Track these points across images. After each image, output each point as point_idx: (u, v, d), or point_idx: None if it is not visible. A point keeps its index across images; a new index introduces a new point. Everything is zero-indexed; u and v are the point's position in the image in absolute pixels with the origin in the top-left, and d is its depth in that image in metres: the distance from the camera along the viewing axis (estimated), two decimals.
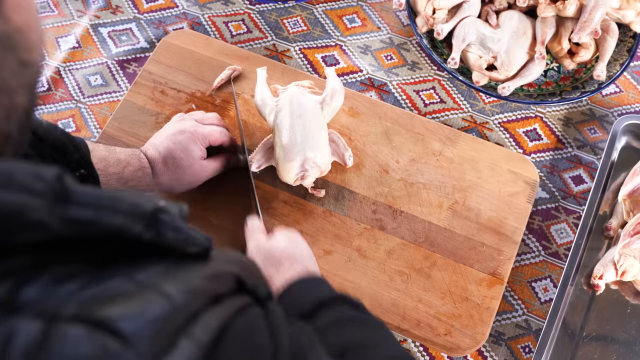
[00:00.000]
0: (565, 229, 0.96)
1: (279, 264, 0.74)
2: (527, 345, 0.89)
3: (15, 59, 0.38)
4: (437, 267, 0.89)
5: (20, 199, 0.34)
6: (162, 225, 0.39)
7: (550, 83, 1.07)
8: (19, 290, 0.34)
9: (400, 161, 0.96)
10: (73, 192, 0.36)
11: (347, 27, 1.13)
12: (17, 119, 0.39)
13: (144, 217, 0.38)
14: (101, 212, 0.36)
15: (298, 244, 0.79)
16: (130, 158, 0.83)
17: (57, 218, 0.35)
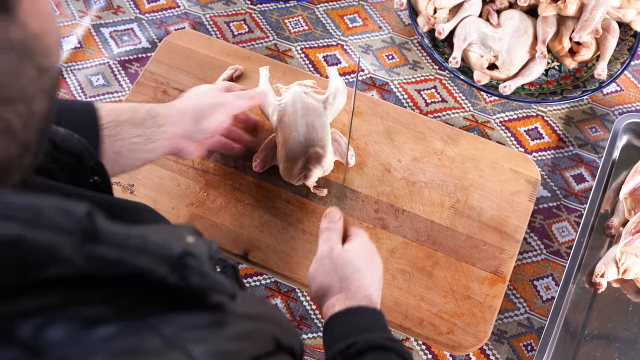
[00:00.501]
0: (567, 227, 0.97)
1: (345, 282, 0.72)
2: (529, 344, 0.90)
3: (33, 66, 0.37)
4: (439, 266, 0.89)
5: (49, 237, 0.33)
6: (188, 270, 0.38)
7: (552, 82, 1.07)
8: (45, 330, 0.33)
9: (402, 160, 0.96)
10: (101, 231, 0.35)
11: (348, 26, 1.13)
12: (36, 126, 0.38)
13: (170, 260, 0.37)
14: (128, 252, 0.36)
15: (374, 265, 0.76)
16: (144, 103, 0.79)
17: (84, 256, 0.34)
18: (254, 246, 0.91)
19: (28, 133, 0.37)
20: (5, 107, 0.35)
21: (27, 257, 0.33)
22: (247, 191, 0.94)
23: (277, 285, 0.94)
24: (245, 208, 0.93)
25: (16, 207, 0.33)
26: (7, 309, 0.33)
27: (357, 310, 0.70)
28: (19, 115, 0.36)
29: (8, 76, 0.35)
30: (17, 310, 0.33)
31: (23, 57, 0.36)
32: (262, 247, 0.91)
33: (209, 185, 0.95)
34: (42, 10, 0.37)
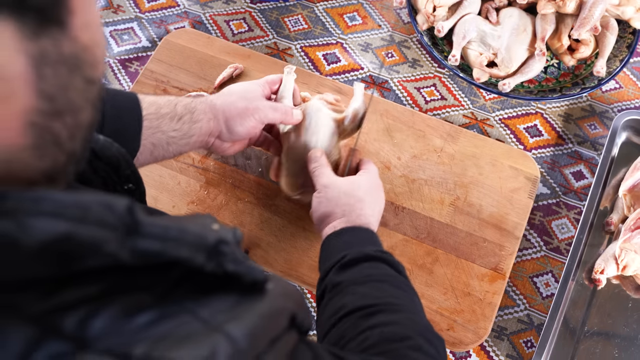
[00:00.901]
0: (566, 224, 0.97)
1: (348, 208, 0.77)
2: (529, 340, 0.90)
3: (82, 78, 0.37)
4: (439, 263, 0.90)
5: (95, 233, 0.34)
6: (223, 257, 0.39)
7: (551, 79, 1.07)
8: (89, 321, 0.34)
9: (402, 158, 0.97)
10: (142, 224, 0.36)
11: (347, 25, 1.13)
12: (81, 136, 0.39)
13: (206, 249, 0.38)
14: (167, 243, 0.37)
15: (377, 199, 0.82)
16: (182, 98, 0.80)
17: (127, 250, 0.35)
18: (254, 244, 0.92)
19: (74, 143, 0.38)
20: (55, 120, 0.36)
21: (75, 252, 0.34)
22: (248, 189, 0.95)
23: None
24: (245, 206, 0.94)
25: (65, 204, 0.34)
26: (52, 303, 0.34)
27: (353, 229, 0.75)
28: (67, 126, 0.37)
29: (59, 89, 0.35)
30: (61, 303, 0.34)
31: (73, 70, 0.36)
32: (263, 244, 0.92)
33: (209, 184, 0.95)
34: (92, 22, 0.38)
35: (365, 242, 0.74)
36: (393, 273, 0.70)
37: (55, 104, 0.35)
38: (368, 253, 0.70)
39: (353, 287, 0.66)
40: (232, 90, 0.84)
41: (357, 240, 0.74)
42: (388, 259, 0.71)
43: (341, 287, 0.67)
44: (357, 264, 0.69)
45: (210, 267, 0.39)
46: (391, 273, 0.69)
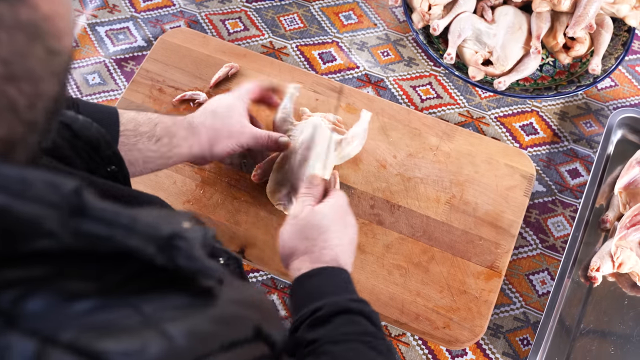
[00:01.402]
0: (562, 222, 0.97)
1: (310, 242, 0.71)
2: (525, 338, 0.90)
3: (42, 48, 0.37)
4: (435, 261, 0.90)
5: (33, 209, 0.34)
6: (176, 252, 0.38)
7: (546, 77, 1.07)
8: (25, 300, 0.33)
9: (398, 156, 0.97)
10: (90, 207, 0.35)
11: (343, 24, 1.13)
12: (43, 107, 0.39)
13: (158, 241, 0.37)
14: (116, 230, 0.36)
15: (344, 227, 0.74)
16: (162, 117, 0.80)
17: (69, 231, 0.35)
18: (250, 243, 0.92)
19: (34, 113, 0.38)
20: (9, 84, 0.36)
21: (13, 228, 0.33)
22: (243, 188, 0.95)
23: (274, 281, 0.94)
24: (241, 205, 0.94)
25: (7, 178, 0.33)
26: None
27: (322, 271, 0.68)
28: (24, 93, 0.36)
29: (15, 55, 0.35)
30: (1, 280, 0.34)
31: (32, 38, 0.36)
32: (259, 243, 0.91)
33: (205, 183, 0.95)
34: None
35: (338, 289, 0.68)
36: (371, 330, 0.64)
37: (10, 68, 0.35)
38: (344, 306, 0.64)
39: (329, 346, 0.60)
40: (216, 112, 0.83)
41: (329, 286, 0.68)
42: (364, 310, 0.65)
43: (316, 345, 0.61)
44: (332, 318, 0.63)
45: (161, 260, 0.38)
46: (369, 330, 0.64)
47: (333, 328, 0.62)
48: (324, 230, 0.71)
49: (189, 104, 1.01)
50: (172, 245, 0.38)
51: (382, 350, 0.62)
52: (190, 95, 1.01)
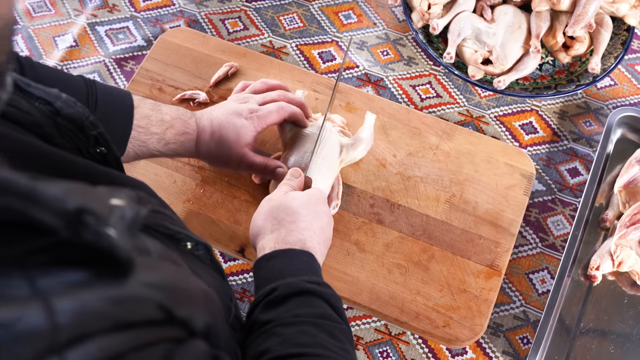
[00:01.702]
0: (562, 220, 0.97)
1: (278, 224, 0.70)
2: (525, 337, 0.90)
3: None
4: (435, 260, 0.90)
5: None
6: (83, 227, 0.37)
7: (546, 77, 1.08)
8: None
9: (398, 155, 0.97)
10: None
11: (343, 23, 1.13)
12: None
13: (64, 215, 0.36)
14: (18, 200, 0.35)
15: (315, 214, 0.73)
16: (174, 121, 0.81)
17: None
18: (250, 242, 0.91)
19: None
20: None
21: None
22: (243, 187, 0.95)
23: None
24: (241, 204, 0.94)
25: None
26: None
27: (284, 253, 0.67)
28: None
29: None
30: None
31: None
32: None
33: (205, 182, 0.95)
34: None
35: (298, 270, 0.66)
36: (328, 313, 0.62)
37: None
38: (300, 287, 0.62)
39: (280, 329, 0.59)
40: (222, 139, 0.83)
41: (289, 267, 0.66)
42: (323, 292, 0.63)
43: (267, 327, 0.60)
44: (287, 299, 0.62)
45: (65, 234, 0.37)
46: (326, 313, 0.62)
47: (286, 310, 0.61)
48: (293, 212, 0.71)
49: (188, 103, 1.01)
50: (79, 221, 0.37)
51: (336, 334, 0.60)
52: (190, 95, 1.01)
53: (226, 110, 0.85)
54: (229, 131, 0.83)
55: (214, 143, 0.83)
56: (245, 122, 0.84)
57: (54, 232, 0.37)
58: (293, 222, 0.70)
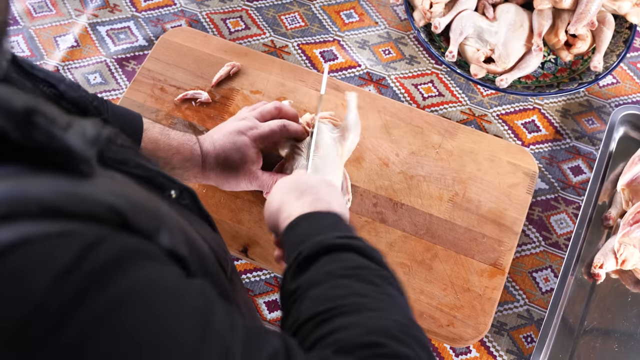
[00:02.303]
0: (565, 219, 0.97)
1: (301, 194, 0.66)
2: (529, 335, 0.90)
3: None
4: (438, 259, 0.90)
5: None
6: (34, 128, 0.36)
7: (548, 75, 1.07)
8: None
9: (400, 154, 0.97)
10: None
11: (344, 22, 1.13)
12: None
13: (12, 115, 0.36)
14: None
15: (334, 190, 0.69)
16: (181, 146, 0.82)
17: None
18: (253, 241, 0.91)
19: None
20: None
21: None
22: None
23: (277, 280, 0.94)
24: (244, 204, 0.94)
25: None
26: None
27: (310, 215, 0.62)
28: None
29: None
30: None
31: None
32: (262, 242, 0.91)
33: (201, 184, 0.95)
34: None
35: (326, 229, 0.60)
36: (361, 262, 0.55)
37: None
38: (328, 243, 0.56)
39: (309, 291, 0.52)
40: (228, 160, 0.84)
41: (316, 228, 0.60)
42: (355, 245, 0.57)
43: (297, 293, 0.53)
44: (316, 260, 0.55)
45: (16, 135, 0.36)
46: (359, 263, 0.55)
47: (315, 269, 0.55)
48: (314, 186, 0.68)
49: (190, 103, 1.01)
50: (29, 122, 0.36)
51: (374, 280, 0.53)
52: (192, 95, 1.01)
53: (226, 130, 0.86)
54: (232, 151, 0.84)
55: (220, 166, 0.84)
56: (246, 139, 0.85)
57: (3, 135, 0.36)
58: (316, 193, 0.66)
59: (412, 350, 0.46)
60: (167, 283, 0.38)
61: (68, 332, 0.32)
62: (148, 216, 0.42)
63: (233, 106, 1.01)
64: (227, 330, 0.40)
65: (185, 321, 0.37)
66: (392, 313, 0.49)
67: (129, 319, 0.34)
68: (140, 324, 0.35)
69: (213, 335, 0.38)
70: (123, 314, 0.34)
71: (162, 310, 0.36)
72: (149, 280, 0.37)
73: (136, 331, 0.34)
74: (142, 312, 0.35)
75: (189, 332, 0.37)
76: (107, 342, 0.33)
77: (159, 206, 0.45)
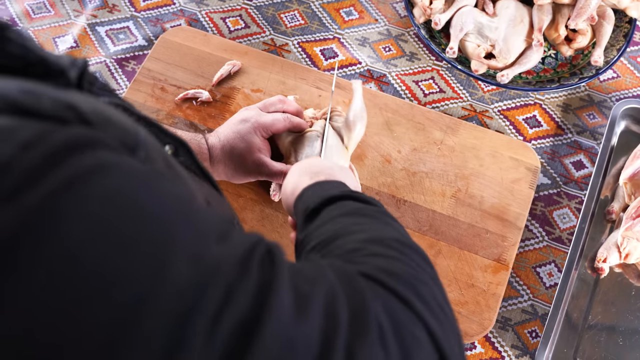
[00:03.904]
0: (568, 214, 0.97)
1: (315, 174, 0.65)
2: (533, 330, 0.90)
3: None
4: (442, 255, 0.90)
5: None
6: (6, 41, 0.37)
7: (549, 70, 1.07)
8: None
9: (402, 151, 0.97)
10: None
11: (344, 19, 1.13)
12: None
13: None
14: None
15: (346, 171, 0.70)
16: (189, 142, 0.81)
17: None
18: None
19: None
20: None
21: None
22: (248, 185, 0.94)
23: None
24: (246, 202, 0.93)
25: None
26: None
27: (319, 183, 0.63)
28: None
29: None
30: None
31: None
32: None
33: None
34: None
35: (332, 188, 0.62)
36: (362, 206, 0.57)
37: None
38: (330, 195, 0.58)
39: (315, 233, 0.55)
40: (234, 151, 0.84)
41: (321, 190, 0.62)
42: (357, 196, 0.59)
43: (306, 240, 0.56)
44: (320, 211, 0.57)
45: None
46: (359, 206, 0.57)
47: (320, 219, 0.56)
48: (328, 167, 0.68)
49: (191, 102, 1.01)
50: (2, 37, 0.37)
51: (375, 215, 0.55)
52: (192, 94, 1.00)
53: (231, 122, 0.87)
54: (237, 141, 0.84)
55: (227, 157, 0.84)
56: (250, 126, 0.85)
57: None
58: (329, 174, 0.66)
59: (400, 253, 0.47)
60: (141, 169, 0.34)
61: (35, 192, 0.28)
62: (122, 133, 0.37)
63: (234, 105, 1.01)
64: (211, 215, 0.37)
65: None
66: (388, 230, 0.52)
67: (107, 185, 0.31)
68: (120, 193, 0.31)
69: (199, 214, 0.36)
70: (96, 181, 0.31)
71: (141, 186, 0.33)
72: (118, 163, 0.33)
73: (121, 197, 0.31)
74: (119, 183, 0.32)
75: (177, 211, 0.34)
76: (79, 203, 0.30)
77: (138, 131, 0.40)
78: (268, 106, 0.90)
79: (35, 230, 0.28)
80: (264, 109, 0.89)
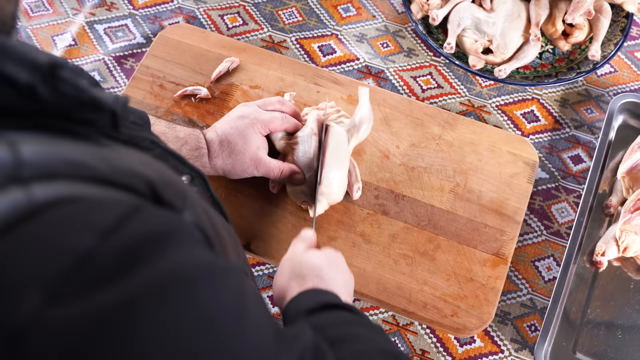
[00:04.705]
0: (566, 208, 0.97)
1: (302, 279, 0.67)
2: (532, 324, 0.90)
3: None
4: (441, 250, 0.90)
5: None
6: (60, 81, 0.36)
7: (546, 65, 1.08)
8: None
9: (401, 146, 0.97)
10: None
11: (342, 16, 1.13)
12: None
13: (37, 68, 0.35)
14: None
15: (336, 268, 0.71)
16: (188, 137, 0.83)
17: None
18: (255, 236, 0.91)
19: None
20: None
21: None
22: (247, 181, 0.95)
23: None
24: (245, 198, 0.94)
25: None
26: None
27: (306, 292, 0.65)
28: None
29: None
30: None
31: None
32: (264, 236, 0.91)
33: (209, 177, 0.95)
34: None
35: (321, 297, 0.64)
36: (347, 315, 0.60)
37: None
38: (319, 303, 0.61)
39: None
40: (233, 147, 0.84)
41: (311, 300, 0.63)
42: (345, 305, 0.62)
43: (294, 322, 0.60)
44: (320, 311, 0.61)
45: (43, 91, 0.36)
46: (349, 317, 0.60)
47: (318, 317, 0.59)
48: (317, 267, 0.69)
49: (190, 99, 1.01)
50: (55, 76, 0.36)
51: (356, 323, 0.59)
52: (191, 91, 1.01)
53: (229, 118, 0.88)
54: (234, 136, 0.85)
55: (225, 152, 0.85)
56: (248, 122, 0.86)
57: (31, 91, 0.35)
58: (318, 276, 0.67)
59: None
60: (211, 263, 0.38)
61: (117, 289, 0.31)
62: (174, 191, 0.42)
63: (232, 102, 1.01)
64: (261, 315, 0.40)
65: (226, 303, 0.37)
66: (375, 343, 0.56)
67: (182, 297, 0.34)
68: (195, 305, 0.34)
69: (250, 317, 0.38)
70: (173, 290, 0.33)
71: (209, 292, 0.36)
72: (194, 262, 0.37)
73: (193, 309, 0.34)
74: (193, 294, 0.35)
75: (229, 313, 0.37)
76: (156, 311, 0.32)
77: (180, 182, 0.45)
78: (267, 105, 0.91)
79: (110, 329, 0.30)
80: (262, 107, 0.90)
